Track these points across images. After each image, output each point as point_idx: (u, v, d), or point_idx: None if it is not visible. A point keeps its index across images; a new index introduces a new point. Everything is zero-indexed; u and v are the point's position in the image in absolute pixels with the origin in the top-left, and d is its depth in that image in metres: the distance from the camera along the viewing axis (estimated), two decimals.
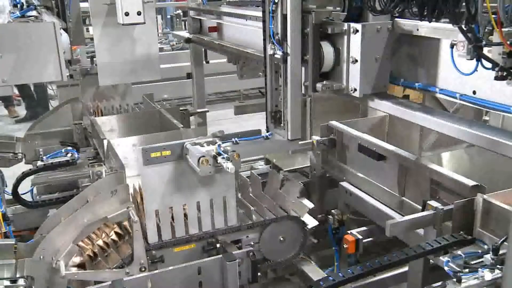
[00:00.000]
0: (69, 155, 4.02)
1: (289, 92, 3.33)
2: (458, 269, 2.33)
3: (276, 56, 3.34)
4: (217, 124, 8.43)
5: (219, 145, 2.91)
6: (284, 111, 3.40)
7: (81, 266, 3.15)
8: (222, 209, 3.23)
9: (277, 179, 3.78)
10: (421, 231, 3.00)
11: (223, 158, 2.80)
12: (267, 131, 3.61)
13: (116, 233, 3.24)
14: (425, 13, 2.46)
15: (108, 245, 3.21)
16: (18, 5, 4.96)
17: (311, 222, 3.56)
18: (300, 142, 4.42)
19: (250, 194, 3.69)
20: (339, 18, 3.11)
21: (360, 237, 3.36)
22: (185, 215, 3.18)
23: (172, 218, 3.14)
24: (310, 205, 3.52)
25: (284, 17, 3.16)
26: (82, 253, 3.14)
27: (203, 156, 2.81)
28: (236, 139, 3.47)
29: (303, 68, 3.29)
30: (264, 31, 3.40)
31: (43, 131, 4.74)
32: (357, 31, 2.85)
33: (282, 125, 3.44)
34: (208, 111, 5.97)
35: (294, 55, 3.23)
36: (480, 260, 2.40)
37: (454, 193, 3.04)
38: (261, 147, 3.53)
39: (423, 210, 2.83)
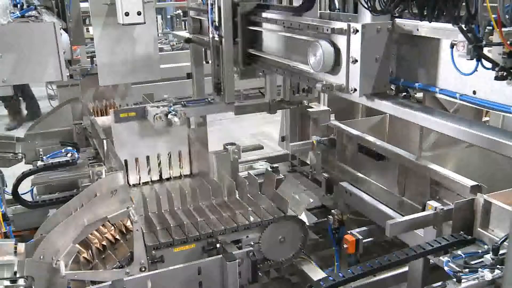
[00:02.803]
0: (69, 155, 4.01)
1: (225, 66, 4.01)
2: (458, 269, 2.33)
3: (215, 39, 4.04)
4: (217, 124, 8.42)
5: (170, 106, 4.00)
6: (224, 82, 4.11)
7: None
8: (177, 160, 4.44)
9: (273, 178, 3.78)
10: (421, 231, 3.00)
11: (172, 115, 3.88)
12: (212, 99, 4.36)
13: (112, 236, 3.25)
14: (425, 13, 2.46)
15: (105, 247, 3.22)
16: (18, 5, 4.95)
17: (309, 219, 3.58)
18: (300, 142, 4.44)
19: (248, 195, 3.70)
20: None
21: (360, 237, 3.37)
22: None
23: (167, 225, 3.15)
24: (308, 200, 3.54)
25: (219, 8, 3.87)
26: (79, 257, 3.15)
27: (157, 114, 3.89)
28: (184, 102, 4.25)
29: (234, 48, 3.96)
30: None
31: (43, 131, 4.73)
32: (357, 31, 2.85)
33: (222, 94, 4.17)
34: None
35: (226, 38, 3.91)
36: (480, 260, 2.40)
37: (454, 193, 3.04)
38: (205, 108, 4.28)
39: (423, 210, 2.83)
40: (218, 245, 3.31)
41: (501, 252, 2.32)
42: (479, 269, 2.29)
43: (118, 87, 5.17)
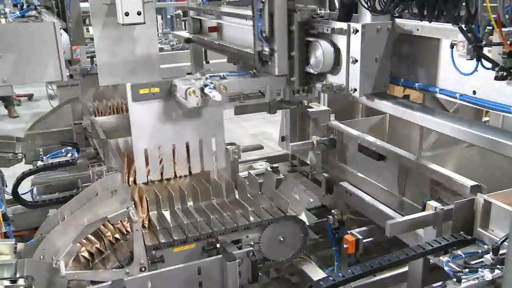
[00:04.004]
0: (69, 155, 4.02)
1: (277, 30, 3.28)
2: (458, 269, 2.33)
3: (264, 52, 3.35)
4: None
5: (206, 78, 3.06)
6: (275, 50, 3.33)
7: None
8: (211, 150, 3.36)
9: (273, 178, 3.78)
10: (421, 231, 3.00)
11: (209, 88, 2.93)
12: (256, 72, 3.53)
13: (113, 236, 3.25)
14: (425, 13, 2.46)
15: (105, 247, 3.22)
16: (18, 5, 4.95)
17: (309, 218, 3.57)
18: (300, 142, 4.44)
19: (248, 195, 3.70)
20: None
21: (360, 237, 3.37)
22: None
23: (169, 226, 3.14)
24: (308, 200, 3.54)
25: (271, 15, 3.21)
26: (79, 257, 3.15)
27: (190, 87, 2.95)
28: (224, 74, 3.38)
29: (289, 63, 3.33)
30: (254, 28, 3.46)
31: (43, 131, 4.74)
32: (357, 31, 2.85)
33: (270, 63, 3.37)
34: None
35: (281, 52, 3.27)
36: (480, 260, 2.40)
37: (454, 193, 3.04)
38: (249, 81, 3.44)
39: (423, 210, 2.83)
40: (218, 245, 3.31)
41: (501, 252, 2.32)
42: (479, 269, 2.29)
43: (118, 87, 5.17)
